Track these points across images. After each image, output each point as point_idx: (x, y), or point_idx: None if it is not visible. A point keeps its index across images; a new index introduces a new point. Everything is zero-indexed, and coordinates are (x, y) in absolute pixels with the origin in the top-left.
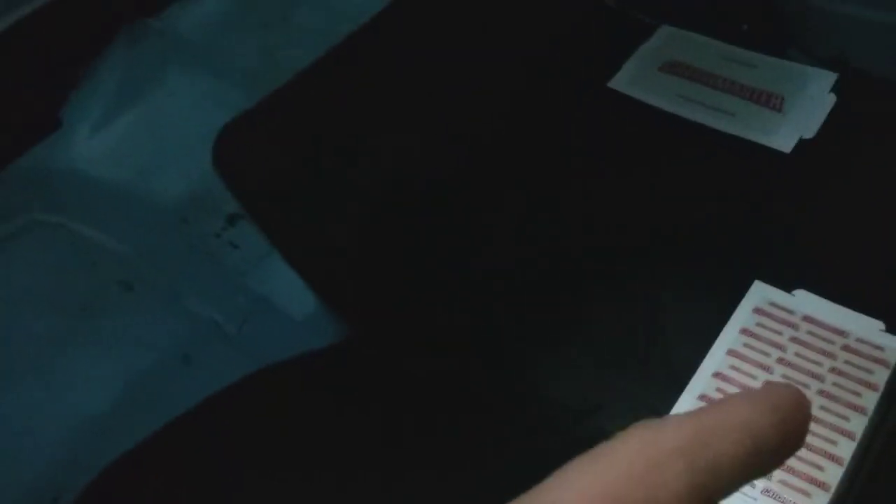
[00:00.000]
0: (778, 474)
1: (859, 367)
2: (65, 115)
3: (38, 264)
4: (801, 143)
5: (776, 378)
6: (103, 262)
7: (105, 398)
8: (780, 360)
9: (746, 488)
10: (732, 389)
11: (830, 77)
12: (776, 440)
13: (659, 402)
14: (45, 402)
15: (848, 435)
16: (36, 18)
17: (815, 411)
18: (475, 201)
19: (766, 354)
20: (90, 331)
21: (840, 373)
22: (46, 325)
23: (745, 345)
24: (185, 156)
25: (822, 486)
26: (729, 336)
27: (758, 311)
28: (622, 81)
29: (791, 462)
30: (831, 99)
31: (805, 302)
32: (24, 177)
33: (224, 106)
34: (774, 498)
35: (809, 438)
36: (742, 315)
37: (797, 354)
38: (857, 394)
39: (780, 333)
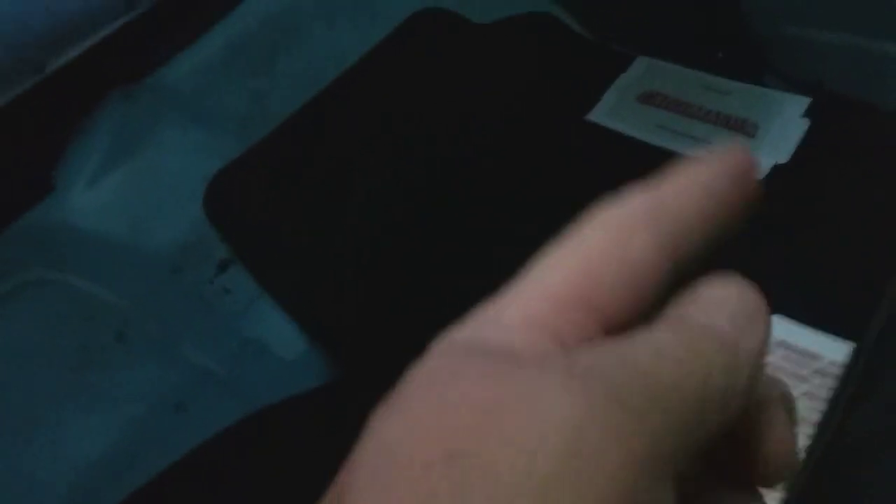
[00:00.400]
0: None
1: (832, 391)
2: (59, 173)
3: (37, 320)
4: (776, 169)
5: None
6: (99, 315)
7: (102, 449)
8: None
9: None
10: None
11: (803, 101)
12: (735, 195)
13: None
14: (46, 455)
15: None
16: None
17: None
18: (460, 237)
19: None
20: (88, 383)
21: (813, 397)
22: (46, 379)
23: None
24: (178, 206)
25: None
26: None
27: None
28: (601, 113)
29: (763, 490)
30: (804, 123)
31: (779, 327)
32: (21, 236)
33: (215, 155)
34: None
35: None
36: None
37: None
38: None
39: None
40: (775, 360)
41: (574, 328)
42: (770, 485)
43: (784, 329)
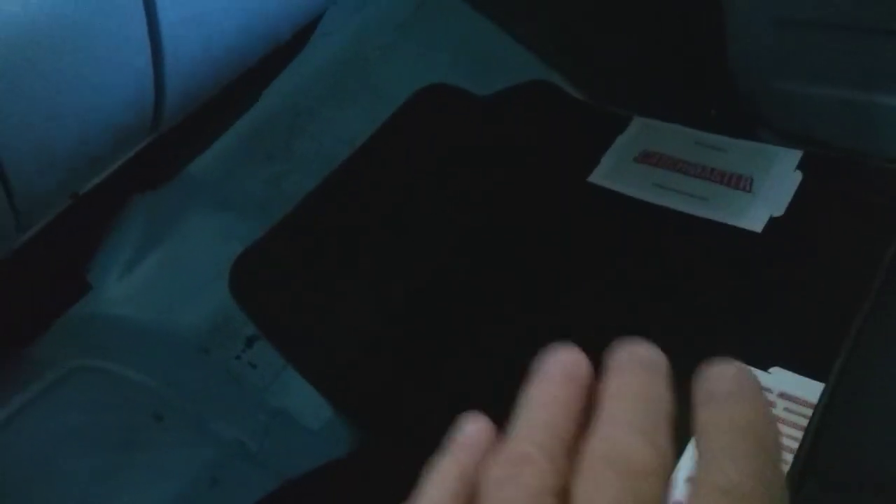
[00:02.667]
0: None
1: None
2: (94, 270)
3: (80, 405)
4: (772, 222)
5: None
6: (136, 398)
7: None
8: None
9: None
10: None
11: (796, 154)
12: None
13: None
14: None
15: None
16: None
17: None
18: (476, 303)
19: None
20: (127, 464)
21: None
22: (89, 462)
23: None
24: (204, 289)
25: None
26: None
27: None
28: (601, 175)
29: None
30: (797, 176)
31: (781, 379)
32: (64, 330)
33: (237, 238)
34: None
35: None
36: None
37: None
38: None
39: None
40: (779, 413)
41: None
42: None
43: (786, 381)
